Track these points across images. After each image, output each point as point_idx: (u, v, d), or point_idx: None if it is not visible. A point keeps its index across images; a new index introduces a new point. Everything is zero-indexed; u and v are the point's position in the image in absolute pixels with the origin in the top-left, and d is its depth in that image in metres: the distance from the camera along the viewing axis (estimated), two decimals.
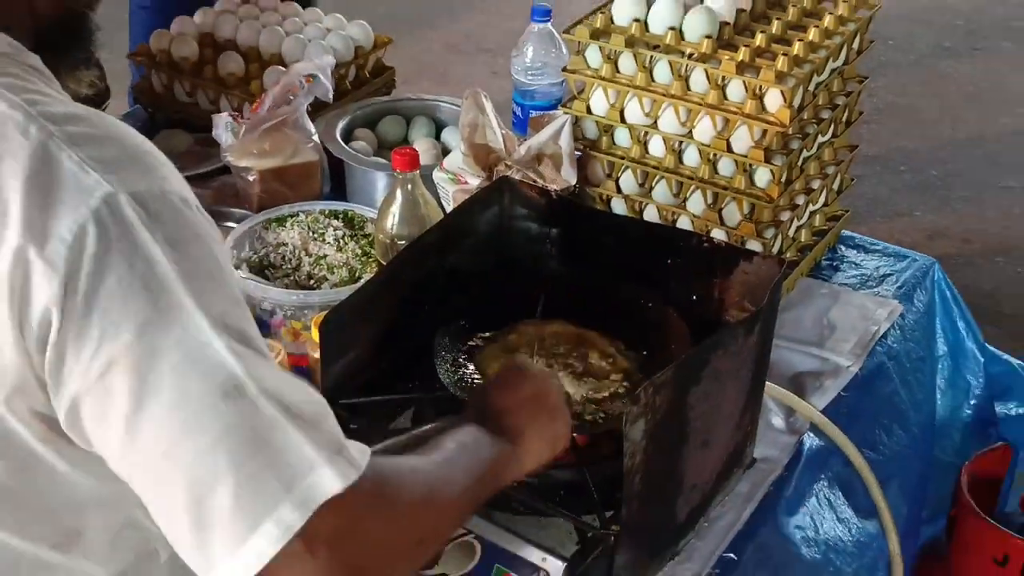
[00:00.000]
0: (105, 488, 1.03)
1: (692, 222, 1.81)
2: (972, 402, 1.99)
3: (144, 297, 0.92)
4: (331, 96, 2.10)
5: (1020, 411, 2.01)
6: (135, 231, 0.92)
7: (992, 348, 2.04)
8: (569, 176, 1.81)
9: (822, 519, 1.62)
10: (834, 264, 2.02)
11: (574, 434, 1.32)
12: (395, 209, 1.72)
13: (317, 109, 2.12)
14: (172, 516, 0.94)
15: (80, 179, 0.93)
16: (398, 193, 1.72)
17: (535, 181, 1.76)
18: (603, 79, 1.81)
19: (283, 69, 2.16)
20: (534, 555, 1.31)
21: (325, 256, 1.84)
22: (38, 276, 0.91)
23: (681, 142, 1.80)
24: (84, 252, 0.91)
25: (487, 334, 1.54)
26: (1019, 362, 2.05)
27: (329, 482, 0.92)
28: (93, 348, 0.91)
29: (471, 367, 1.49)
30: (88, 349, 0.91)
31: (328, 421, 0.97)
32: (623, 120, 1.82)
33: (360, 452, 0.96)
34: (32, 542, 1.04)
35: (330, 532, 0.92)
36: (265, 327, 1.73)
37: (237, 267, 1.79)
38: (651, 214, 1.85)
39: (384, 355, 1.50)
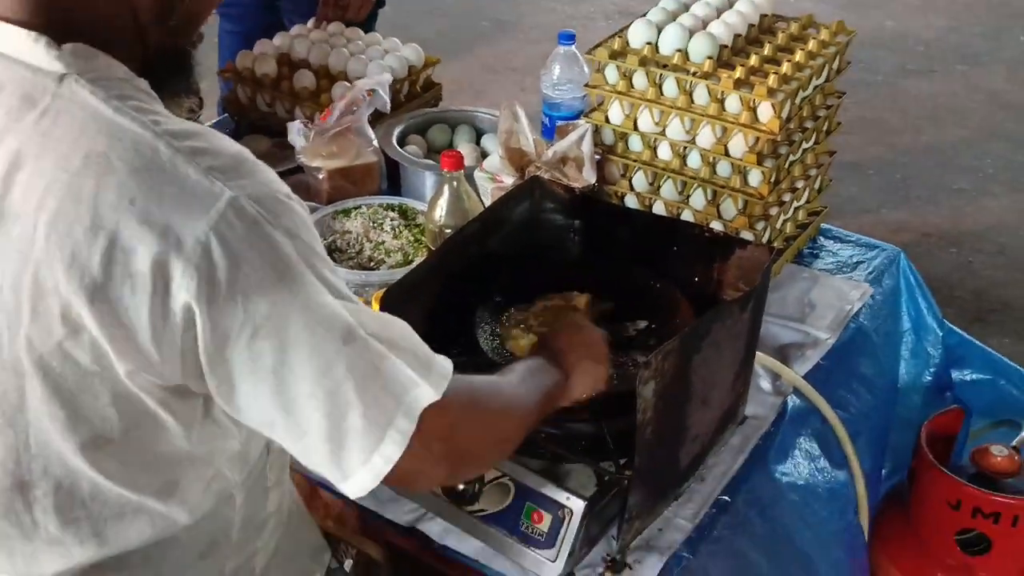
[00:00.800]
0: (199, 448, 1.05)
1: (695, 215, 1.80)
2: (931, 370, 1.97)
3: (274, 276, 0.93)
4: (388, 107, 2.09)
5: (973, 377, 1.99)
6: (259, 226, 0.93)
7: (948, 324, 2.02)
8: (589, 176, 1.79)
9: (802, 467, 1.61)
10: (814, 252, 2.00)
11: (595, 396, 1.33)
12: (442, 203, 1.71)
13: (376, 118, 2.11)
14: (311, 445, 0.98)
15: (207, 187, 0.92)
16: (445, 189, 1.71)
17: (561, 180, 1.75)
18: (619, 93, 1.80)
19: (348, 84, 2.15)
20: (560, 495, 1.31)
21: (383, 242, 1.83)
22: (178, 275, 0.91)
23: (685, 147, 1.78)
24: (219, 249, 0.91)
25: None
26: (969, 337, 2.03)
27: (427, 393, 0.99)
28: (240, 323, 0.93)
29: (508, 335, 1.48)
30: (236, 324, 0.93)
31: (418, 346, 1.03)
32: (636, 128, 1.81)
33: (444, 364, 1.04)
34: (137, 491, 1.05)
35: (438, 429, 1.00)
36: None
37: None
38: (659, 208, 1.83)
39: (433, 326, 1.48)
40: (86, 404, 0.97)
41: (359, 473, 0.98)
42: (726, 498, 1.47)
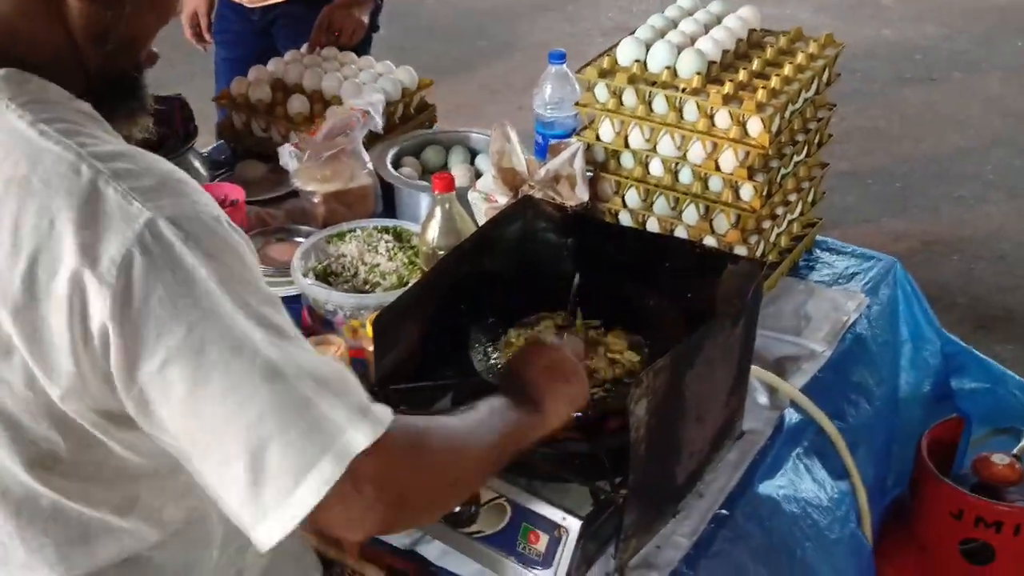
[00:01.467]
0: (154, 462, 1.04)
1: (688, 231, 1.80)
2: (931, 379, 1.97)
3: (189, 302, 0.92)
4: (381, 129, 2.10)
5: (972, 386, 1.98)
6: (175, 248, 0.92)
7: (948, 333, 2.01)
8: (582, 194, 1.80)
9: (801, 480, 1.60)
10: (810, 264, 2.00)
11: (588, 412, 1.33)
12: (435, 224, 1.71)
13: (371, 141, 2.12)
14: (228, 480, 0.93)
15: (124, 208, 0.92)
16: (438, 211, 1.71)
17: (553, 198, 1.75)
18: (610, 111, 1.80)
19: (342, 108, 2.16)
20: (556, 515, 1.31)
21: (378, 265, 1.84)
22: (93, 294, 0.91)
23: (677, 163, 1.78)
24: (133, 270, 0.91)
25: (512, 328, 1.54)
26: (967, 346, 2.03)
27: (360, 438, 0.93)
28: (151, 347, 0.91)
29: (500, 355, 1.48)
30: (147, 349, 0.91)
31: (354, 390, 0.97)
32: (627, 145, 1.81)
33: (383, 411, 0.97)
34: (96, 508, 1.04)
35: (372, 473, 0.94)
36: (329, 325, 1.73)
37: (305, 275, 1.79)
38: (652, 225, 1.84)
39: (428, 347, 1.50)
40: (28, 426, 0.98)
41: (272, 515, 0.92)
42: (725, 512, 1.47)
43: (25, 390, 0.96)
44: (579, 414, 1.28)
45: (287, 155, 2.01)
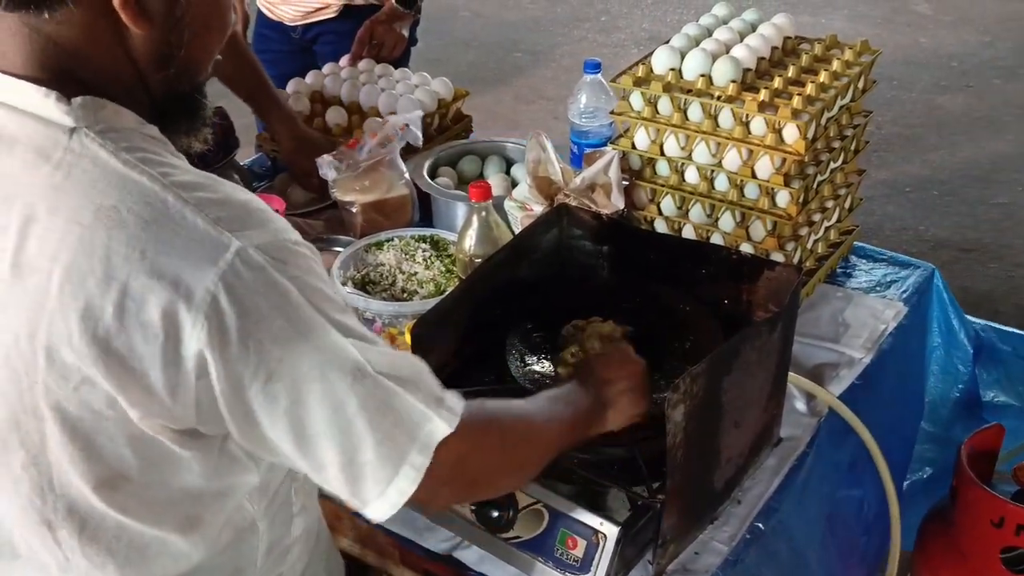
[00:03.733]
0: (221, 482, 1.07)
1: (724, 238, 1.79)
2: (960, 386, 1.96)
3: (283, 322, 0.95)
4: (420, 142, 2.12)
5: (1000, 400, 1.97)
6: (267, 273, 0.95)
7: (977, 321, 2.01)
8: (618, 202, 1.80)
9: (836, 487, 1.60)
10: (847, 272, 1.99)
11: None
12: (472, 233, 1.73)
13: (408, 151, 2.14)
14: (331, 477, 1.01)
15: (214, 238, 0.94)
16: (474, 219, 1.73)
17: (589, 206, 1.76)
18: (645, 119, 1.81)
19: (380, 120, 2.18)
20: (593, 520, 1.31)
21: (416, 273, 1.85)
22: (188, 324, 0.93)
23: (712, 171, 1.78)
24: (227, 298, 0.93)
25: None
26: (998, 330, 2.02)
27: (440, 427, 1.02)
28: (254, 369, 0.95)
29: (537, 363, 1.49)
30: (250, 371, 0.95)
31: (427, 380, 1.05)
32: (662, 153, 1.81)
33: (455, 398, 1.06)
34: (159, 527, 1.06)
35: (451, 461, 1.03)
36: None
37: (344, 284, 1.81)
38: (688, 232, 1.83)
39: (464, 353, 1.51)
40: (102, 445, 0.99)
41: (375, 503, 1.01)
42: (760, 525, 1.46)
43: (106, 410, 0.97)
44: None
45: (327, 165, 2.03)
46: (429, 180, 2.10)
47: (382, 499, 1.01)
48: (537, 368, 1.47)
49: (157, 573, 1.09)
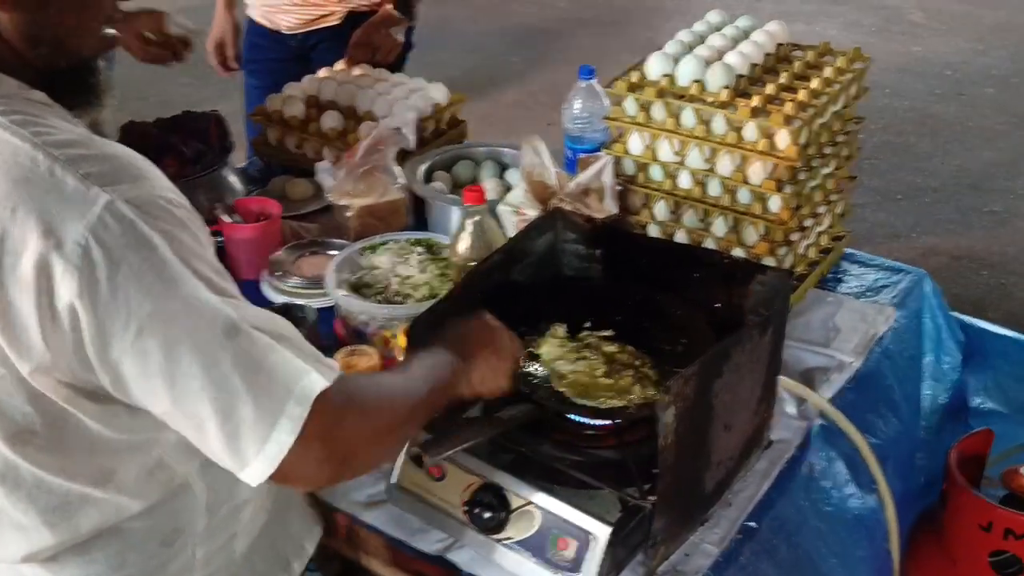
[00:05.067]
0: (127, 436, 1.11)
1: (716, 243, 1.81)
2: (948, 391, 1.97)
3: (153, 275, 0.99)
4: (413, 146, 2.13)
5: (986, 406, 1.99)
6: (136, 227, 0.99)
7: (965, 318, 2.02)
8: (611, 206, 1.81)
9: (829, 492, 1.60)
10: (838, 277, 2.00)
11: (618, 421, 1.36)
12: (466, 237, 1.74)
13: (403, 156, 2.15)
14: (209, 435, 1.02)
15: (83, 193, 0.98)
16: (469, 223, 1.74)
17: (583, 211, 1.77)
18: (638, 125, 1.82)
19: (375, 124, 2.19)
20: (585, 521, 1.32)
21: (410, 277, 1.86)
22: (59, 276, 0.97)
23: (705, 176, 1.80)
24: (97, 250, 0.97)
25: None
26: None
27: (318, 380, 1.03)
28: (123, 321, 0.98)
29: (531, 365, 1.50)
30: (119, 323, 0.98)
31: (304, 341, 1.08)
32: (656, 159, 1.83)
33: (333, 362, 1.09)
34: (74, 480, 1.11)
35: (329, 417, 1.03)
36: (362, 336, 1.75)
37: (338, 287, 1.81)
38: (681, 237, 1.85)
39: None
40: (4, 401, 1.04)
41: (255, 462, 1.02)
42: (752, 524, 1.47)
43: (1, 367, 1.02)
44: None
45: (324, 172, 2.04)
46: (424, 184, 2.11)
47: (261, 456, 1.01)
48: (530, 371, 1.48)
49: (84, 524, 1.13)
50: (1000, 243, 3.88)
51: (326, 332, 1.78)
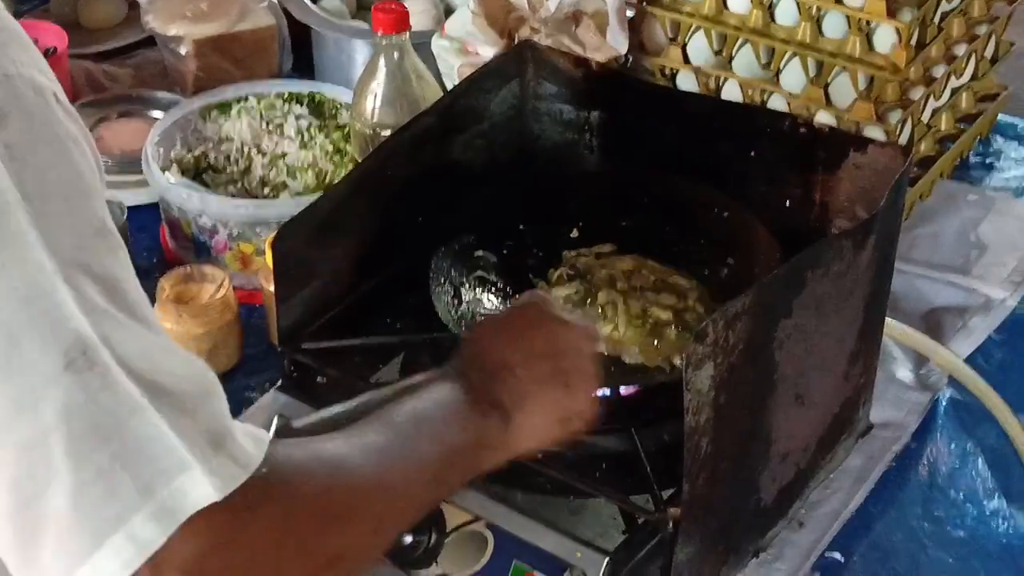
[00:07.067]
0: None
1: (788, 102, 1.82)
2: None
3: None
4: None
5: None
6: None
7: None
8: (617, 41, 1.81)
9: (962, 508, 1.63)
10: (987, 162, 2.03)
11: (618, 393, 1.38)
12: (377, 87, 1.74)
13: None
14: None
15: None
16: (381, 65, 1.73)
17: (570, 49, 1.77)
18: None
19: None
20: (565, 548, 1.33)
21: (284, 155, 1.86)
22: None
23: None
24: None
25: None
26: None
27: (202, 488, 0.92)
28: None
29: (484, 298, 1.51)
30: None
31: (211, 403, 0.97)
32: None
33: (255, 444, 0.97)
34: None
35: (188, 556, 0.92)
36: (204, 251, 1.76)
37: (165, 169, 1.81)
38: (731, 92, 1.86)
39: (362, 284, 1.54)
40: None
41: None
42: (837, 556, 1.50)
43: None
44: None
45: None
46: (308, 3, 2.10)
47: None
48: (483, 307, 1.50)
49: None
50: None
51: (146, 245, 1.79)
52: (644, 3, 1.88)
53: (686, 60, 1.88)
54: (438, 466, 1.14)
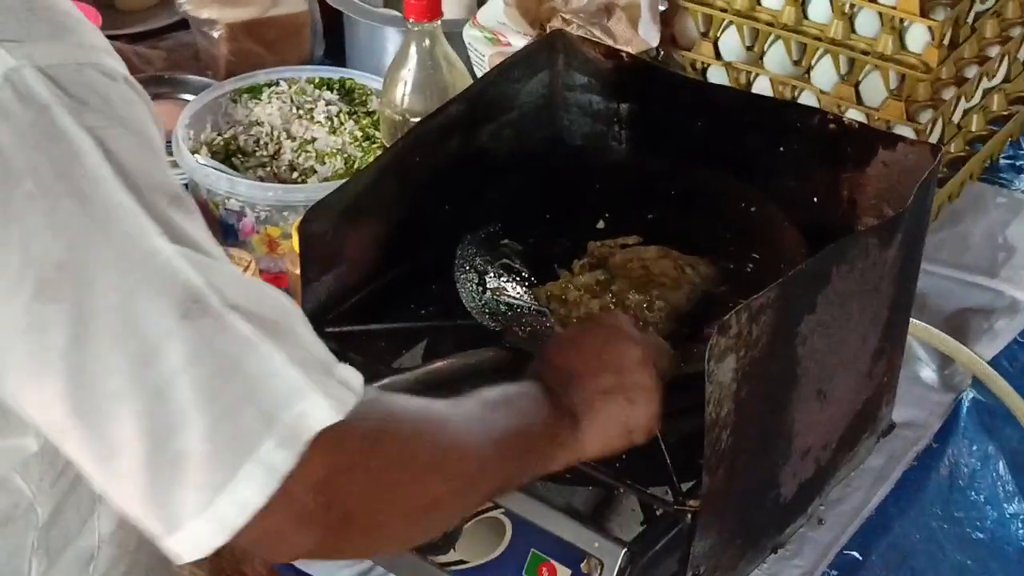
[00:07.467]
0: None
1: (819, 100, 1.82)
2: None
3: (73, 200, 0.95)
4: None
5: None
6: (52, 114, 0.95)
7: None
8: (649, 35, 1.81)
9: (983, 509, 1.63)
10: (1017, 164, 2.02)
11: None
12: (407, 75, 1.74)
13: None
14: (122, 473, 0.96)
15: None
16: (412, 52, 1.73)
17: (601, 40, 1.77)
18: None
19: None
20: (583, 538, 1.33)
21: (314, 140, 1.86)
22: None
23: None
24: None
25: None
26: None
27: (321, 411, 0.97)
28: (16, 273, 0.94)
29: (508, 286, 1.51)
30: (8, 272, 0.94)
31: (311, 336, 1.02)
32: None
33: (353, 375, 1.02)
34: None
35: (320, 475, 0.98)
36: (231, 233, 1.76)
37: (195, 151, 1.82)
38: (762, 88, 1.86)
39: (388, 269, 1.54)
40: None
41: (192, 524, 0.96)
42: (855, 554, 1.50)
43: None
44: None
45: None
46: None
47: (204, 517, 0.95)
48: (507, 296, 1.50)
49: None
50: None
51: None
52: None
53: (717, 55, 1.88)
54: (522, 447, 1.20)
